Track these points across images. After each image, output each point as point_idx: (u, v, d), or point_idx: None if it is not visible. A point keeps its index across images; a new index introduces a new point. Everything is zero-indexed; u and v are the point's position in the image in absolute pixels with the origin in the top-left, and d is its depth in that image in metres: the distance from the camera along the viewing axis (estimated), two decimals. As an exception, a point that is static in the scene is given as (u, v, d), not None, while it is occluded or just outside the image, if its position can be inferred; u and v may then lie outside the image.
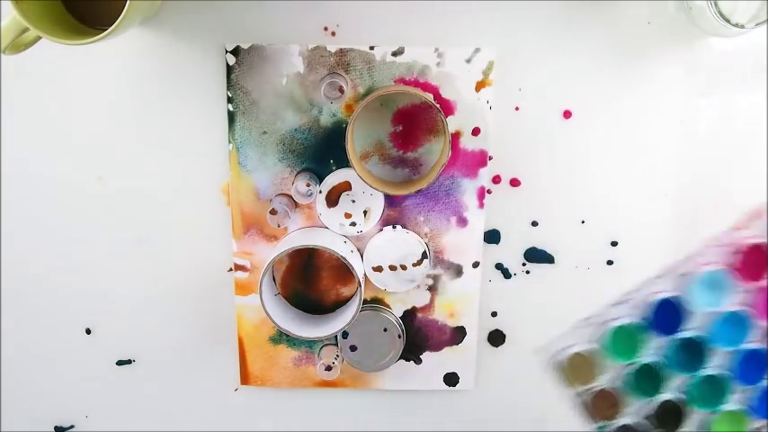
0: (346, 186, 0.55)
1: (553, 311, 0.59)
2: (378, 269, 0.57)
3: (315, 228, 0.56)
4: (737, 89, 0.54)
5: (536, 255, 0.58)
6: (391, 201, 0.56)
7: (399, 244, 0.56)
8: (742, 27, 0.47)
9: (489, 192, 0.56)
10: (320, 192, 0.55)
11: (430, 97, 0.52)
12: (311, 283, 0.58)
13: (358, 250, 0.57)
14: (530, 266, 0.58)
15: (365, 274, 0.57)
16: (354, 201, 0.55)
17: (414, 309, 0.59)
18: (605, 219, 0.57)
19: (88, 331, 0.60)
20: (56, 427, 0.63)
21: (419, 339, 0.60)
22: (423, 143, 0.55)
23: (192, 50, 0.53)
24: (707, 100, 0.55)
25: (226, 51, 0.53)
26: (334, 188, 0.55)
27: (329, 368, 0.59)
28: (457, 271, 0.58)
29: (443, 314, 0.59)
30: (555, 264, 0.58)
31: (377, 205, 0.56)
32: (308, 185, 0.54)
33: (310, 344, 0.60)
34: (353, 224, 0.56)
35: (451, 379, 0.61)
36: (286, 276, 0.58)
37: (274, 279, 0.58)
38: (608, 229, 0.57)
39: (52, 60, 0.53)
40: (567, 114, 0.55)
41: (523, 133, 0.55)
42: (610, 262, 0.58)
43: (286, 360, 0.60)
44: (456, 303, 0.59)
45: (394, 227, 0.56)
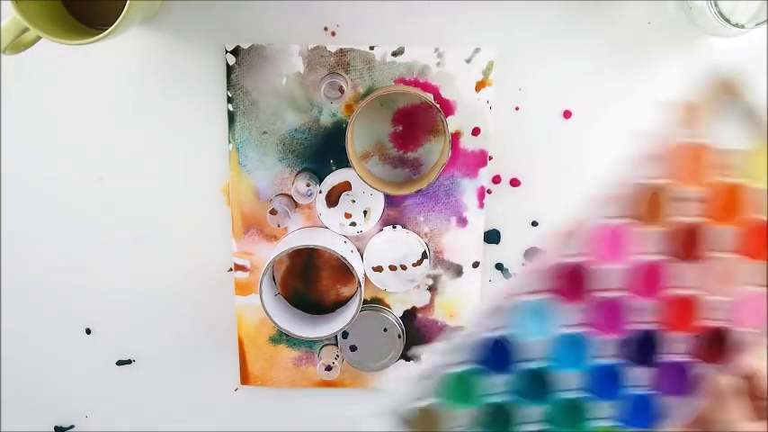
0: (346, 186, 0.55)
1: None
2: (378, 269, 0.57)
3: (315, 228, 0.56)
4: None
5: (536, 255, 0.58)
6: (391, 201, 0.56)
7: (399, 244, 0.56)
8: (742, 27, 0.46)
9: (489, 192, 0.56)
10: (320, 192, 0.55)
11: (430, 97, 0.52)
12: (311, 283, 0.58)
13: (358, 250, 0.57)
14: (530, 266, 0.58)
15: (365, 274, 0.57)
16: (354, 201, 0.55)
17: (414, 309, 0.59)
18: (605, 219, 0.57)
19: (88, 331, 0.60)
20: (56, 427, 0.63)
21: (419, 339, 0.60)
22: (423, 143, 0.55)
23: (192, 50, 0.53)
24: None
25: (226, 51, 0.53)
26: (334, 188, 0.55)
27: (329, 368, 0.59)
28: (457, 271, 0.58)
29: (443, 314, 0.59)
30: (555, 264, 0.58)
31: (377, 205, 0.56)
32: (308, 185, 0.54)
33: (310, 344, 0.60)
34: (353, 224, 0.56)
35: (451, 379, 0.61)
36: (286, 276, 0.58)
37: (274, 279, 0.58)
38: (608, 229, 0.57)
39: (52, 60, 0.53)
40: (567, 114, 0.55)
41: (523, 133, 0.55)
42: (610, 262, 0.58)
43: (286, 360, 0.60)
44: (456, 303, 0.59)
45: (394, 227, 0.56)
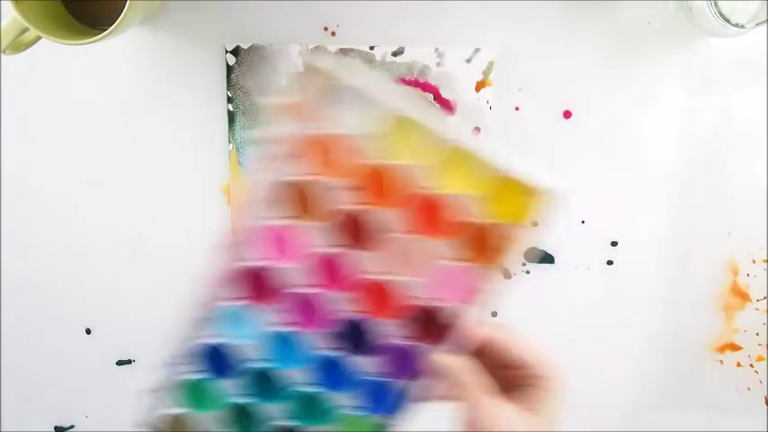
0: (346, 186, 0.55)
1: (553, 311, 0.59)
2: (378, 269, 0.57)
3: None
4: (737, 89, 0.54)
5: (536, 255, 0.58)
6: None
7: (399, 244, 0.56)
8: (742, 27, 0.47)
9: (489, 192, 0.56)
10: (320, 192, 0.55)
11: (430, 97, 0.52)
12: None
13: (358, 250, 0.57)
14: (530, 266, 0.58)
15: (365, 274, 0.57)
16: (354, 201, 0.55)
17: (414, 309, 0.59)
18: (605, 219, 0.57)
19: (88, 331, 0.60)
20: (56, 427, 0.63)
21: (419, 339, 0.59)
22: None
23: (192, 50, 0.53)
24: (706, 100, 0.55)
25: (226, 51, 0.53)
26: (334, 188, 0.55)
27: (329, 368, 0.59)
28: (457, 271, 0.58)
29: (443, 314, 0.59)
30: (555, 264, 0.58)
31: (377, 205, 0.56)
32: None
33: (310, 344, 0.60)
34: (353, 224, 0.56)
35: (451, 379, 0.61)
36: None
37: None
38: (608, 229, 0.57)
39: (52, 60, 0.53)
40: (567, 114, 0.55)
41: (523, 133, 0.55)
42: (610, 262, 0.58)
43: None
44: (456, 303, 0.58)
45: (394, 227, 0.56)
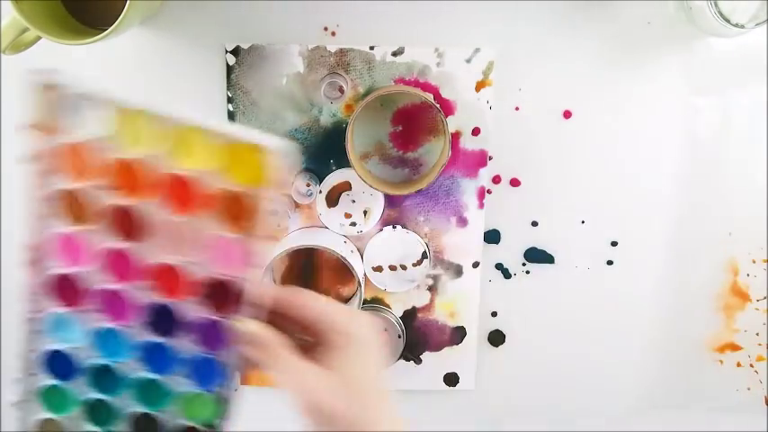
0: (346, 186, 0.55)
1: (553, 311, 0.59)
2: (378, 269, 0.57)
3: (315, 228, 0.56)
4: (737, 89, 0.54)
5: (536, 255, 0.58)
6: (391, 201, 0.56)
7: (399, 244, 0.56)
8: (742, 27, 0.47)
9: (489, 192, 0.56)
10: (320, 192, 0.55)
11: (430, 97, 0.52)
12: (311, 283, 0.58)
13: (358, 250, 0.57)
14: (530, 266, 0.58)
15: (365, 274, 0.57)
16: (354, 201, 0.55)
17: (414, 309, 0.59)
18: (605, 219, 0.57)
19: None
20: (56, 428, 0.63)
21: (419, 339, 0.60)
22: (423, 143, 0.55)
23: (192, 50, 0.53)
24: (706, 100, 0.55)
25: (226, 51, 0.53)
26: (334, 188, 0.55)
27: (329, 368, 0.59)
28: (457, 271, 0.58)
29: (443, 314, 0.59)
30: (555, 264, 0.58)
31: (377, 205, 0.56)
32: (308, 185, 0.54)
33: (310, 344, 0.60)
34: (353, 224, 0.56)
35: (451, 379, 0.61)
36: (286, 276, 0.58)
37: (274, 279, 0.58)
38: (608, 229, 0.57)
39: (52, 60, 0.53)
40: (567, 114, 0.55)
41: (523, 133, 0.55)
42: (610, 262, 0.58)
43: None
44: (456, 303, 0.59)
45: (394, 227, 0.56)
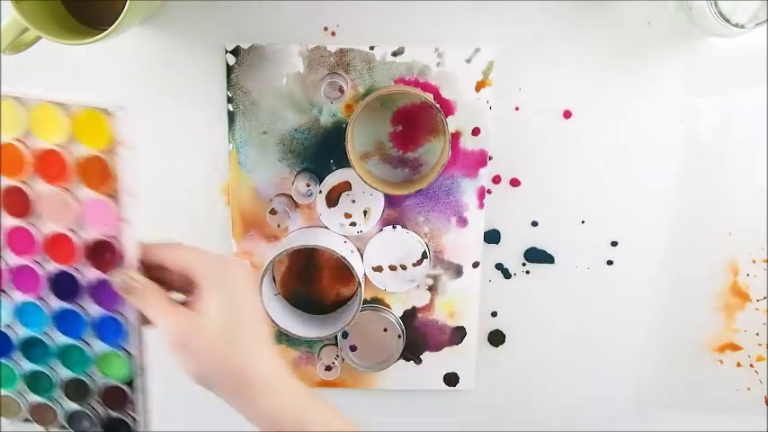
0: (346, 186, 0.55)
1: (553, 311, 0.59)
2: (378, 269, 0.57)
3: (315, 228, 0.56)
4: (737, 89, 0.54)
5: (536, 255, 0.58)
6: (391, 201, 0.56)
7: (399, 244, 0.56)
8: (742, 27, 0.47)
9: (489, 192, 0.56)
10: (320, 192, 0.55)
11: (430, 97, 0.52)
12: (311, 283, 0.58)
13: (358, 250, 0.57)
14: (530, 266, 0.58)
15: (365, 274, 0.57)
16: (354, 201, 0.55)
17: (414, 309, 0.59)
18: (605, 219, 0.57)
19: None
20: (56, 427, 0.63)
21: (419, 339, 0.60)
22: (423, 143, 0.55)
23: (192, 50, 0.53)
24: (707, 100, 0.55)
25: (226, 51, 0.53)
26: (334, 188, 0.55)
27: (329, 368, 0.59)
28: (457, 271, 0.58)
29: (443, 314, 0.59)
30: (555, 264, 0.58)
31: (377, 205, 0.56)
32: (308, 185, 0.54)
33: (310, 344, 0.60)
34: (353, 224, 0.56)
35: (451, 379, 0.61)
36: (286, 276, 0.58)
37: (274, 279, 0.58)
38: (608, 229, 0.57)
39: (52, 60, 0.53)
40: (567, 114, 0.55)
41: (523, 133, 0.55)
42: (610, 262, 0.58)
43: (286, 360, 0.60)
44: (456, 303, 0.59)
45: (394, 227, 0.56)
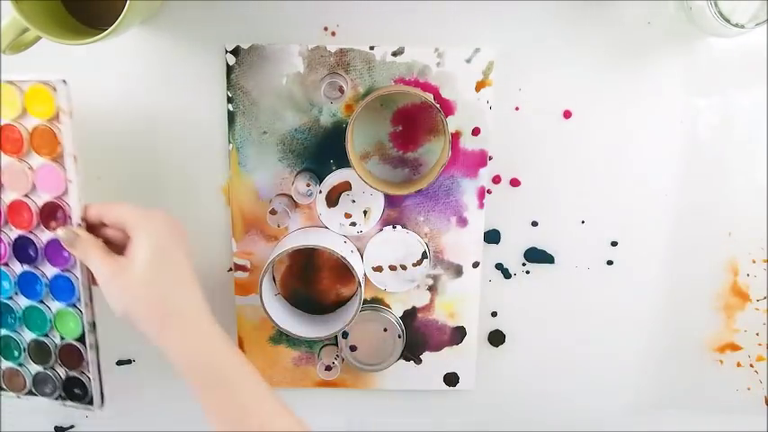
0: (346, 186, 0.55)
1: (553, 311, 0.59)
2: (378, 269, 0.57)
3: (315, 228, 0.56)
4: (737, 89, 0.54)
5: (536, 255, 0.58)
6: (391, 201, 0.56)
7: (399, 244, 0.56)
8: (742, 27, 0.47)
9: (489, 192, 0.56)
10: (320, 192, 0.55)
11: (430, 97, 0.52)
12: (311, 283, 0.58)
13: (358, 250, 0.57)
14: (530, 266, 0.58)
15: (365, 274, 0.57)
16: (354, 201, 0.55)
17: (414, 309, 0.59)
18: (605, 219, 0.57)
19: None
20: (56, 427, 0.63)
21: (419, 339, 0.60)
22: (423, 143, 0.55)
23: (192, 50, 0.53)
24: (707, 100, 0.55)
25: (226, 51, 0.53)
26: (334, 188, 0.55)
27: (329, 368, 0.59)
28: (457, 271, 0.58)
29: (443, 314, 0.59)
30: (555, 264, 0.58)
31: (377, 205, 0.56)
32: (308, 185, 0.54)
33: (310, 344, 0.60)
34: (353, 224, 0.56)
35: (451, 379, 0.61)
36: (286, 276, 0.58)
37: (274, 279, 0.58)
38: (608, 229, 0.57)
39: (52, 60, 0.53)
40: (567, 114, 0.55)
41: (523, 133, 0.55)
42: (610, 262, 0.58)
43: (286, 360, 0.60)
44: (456, 303, 0.59)
45: (394, 227, 0.56)
